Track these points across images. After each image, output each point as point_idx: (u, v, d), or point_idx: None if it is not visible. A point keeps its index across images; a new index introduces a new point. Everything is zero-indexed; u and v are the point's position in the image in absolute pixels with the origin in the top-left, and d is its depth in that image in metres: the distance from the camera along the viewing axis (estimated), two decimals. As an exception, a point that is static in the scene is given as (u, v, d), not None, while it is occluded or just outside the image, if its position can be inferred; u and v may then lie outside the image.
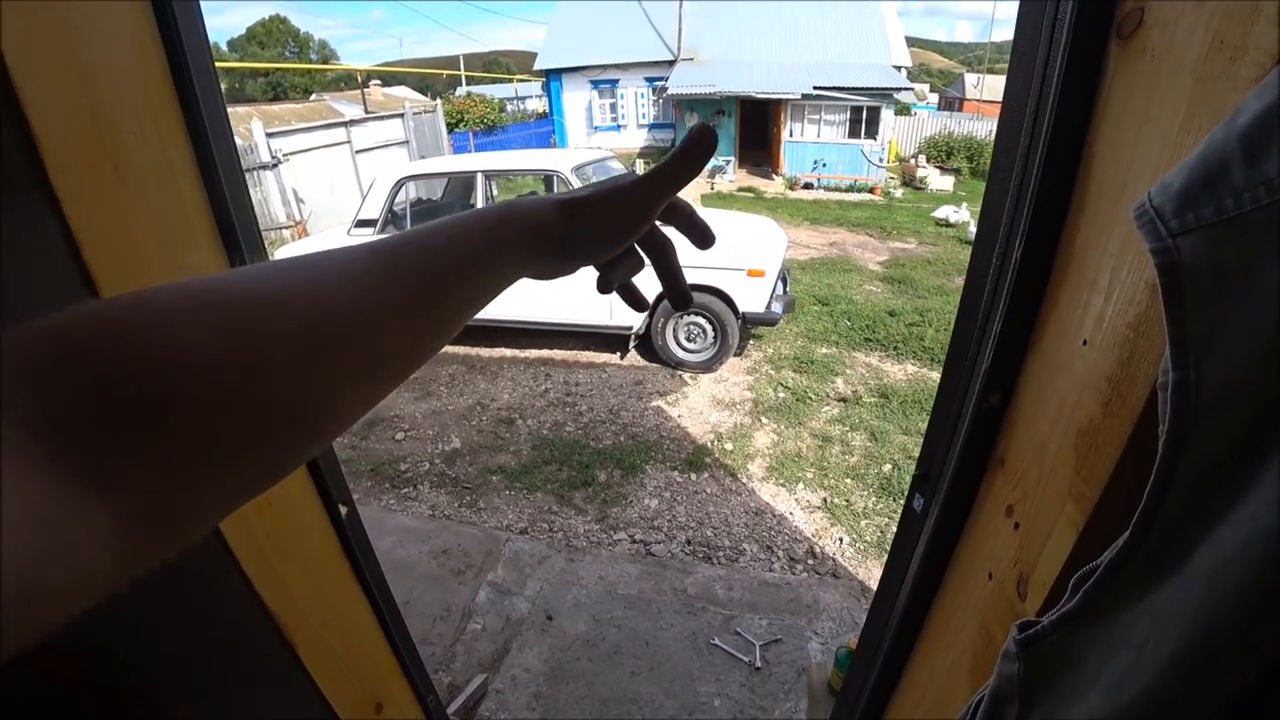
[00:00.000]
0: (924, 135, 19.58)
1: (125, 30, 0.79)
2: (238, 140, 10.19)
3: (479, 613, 2.79)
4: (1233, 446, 0.33)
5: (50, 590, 0.21)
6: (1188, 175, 0.33)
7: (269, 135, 9.85)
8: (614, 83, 20.64)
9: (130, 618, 1.10)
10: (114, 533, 0.23)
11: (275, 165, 9.73)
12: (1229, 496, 0.33)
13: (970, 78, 42.81)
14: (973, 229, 9.53)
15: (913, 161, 16.92)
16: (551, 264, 0.44)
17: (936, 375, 4.85)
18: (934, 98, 39.73)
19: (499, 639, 2.64)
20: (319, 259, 0.31)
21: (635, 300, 0.55)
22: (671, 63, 19.00)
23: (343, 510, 1.34)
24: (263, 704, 1.32)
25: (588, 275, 0.50)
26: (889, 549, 1.09)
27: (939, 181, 15.70)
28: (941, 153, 18.36)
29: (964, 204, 11.12)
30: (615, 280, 0.52)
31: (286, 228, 9.84)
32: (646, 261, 0.54)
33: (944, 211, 11.10)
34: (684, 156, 0.46)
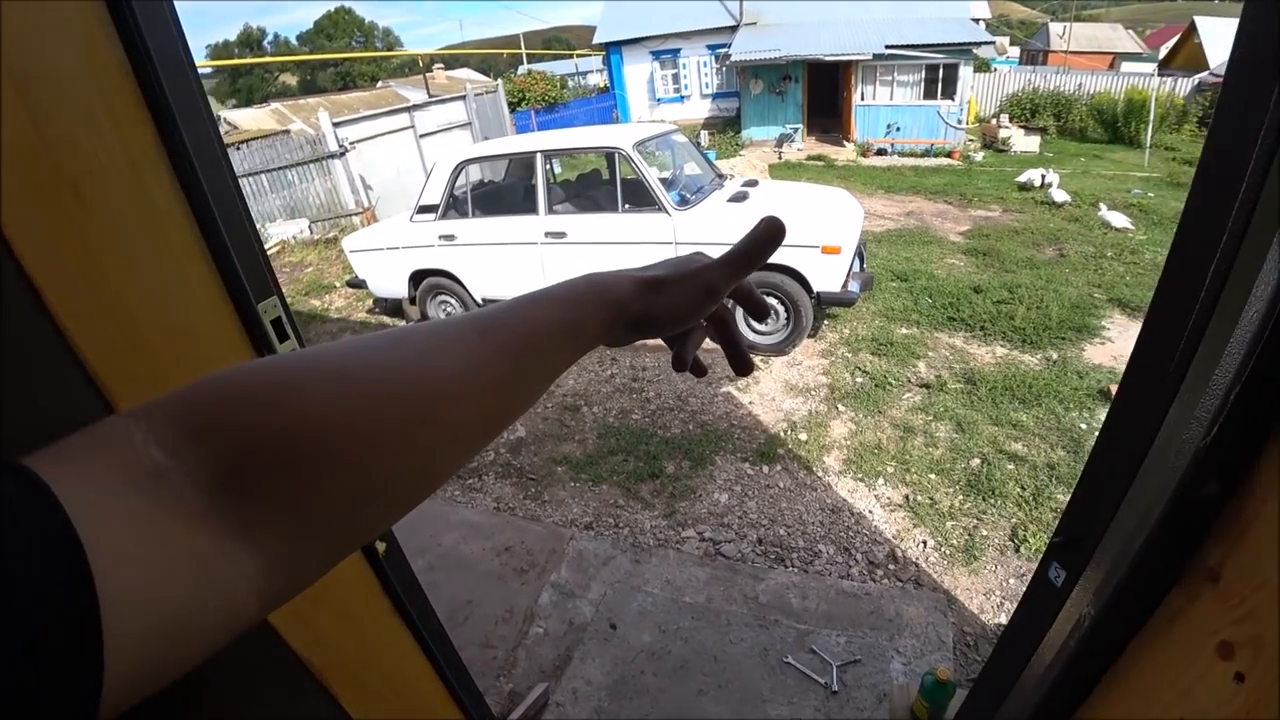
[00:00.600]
0: (1006, 93, 18.33)
1: (71, 29, 0.65)
2: (308, 130, 10.44)
3: (542, 615, 2.70)
4: None
5: (206, 629, 0.25)
6: None
7: (337, 124, 9.99)
8: (675, 53, 20.11)
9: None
10: (260, 577, 0.27)
11: (343, 154, 9.87)
12: None
13: (1055, 27, 40.07)
14: (1060, 195, 8.85)
15: (994, 122, 15.85)
16: (625, 336, 0.46)
17: (1028, 359, 4.48)
18: (1015, 51, 37.43)
19: (561, 645, 2.54)
20: (429, 333, 0.35)
21: (699, 370, 0.58)
22: (734, 28, 18.32)
23: (380, 548, 1.23)
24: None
25: (656, 258, 0.50)
26: (1012, 615, 0.89)
27: (1023, 142, 14.69)
28: (1025, 111, 17.21)
29: (1051, 167, 10.33)
30: (688, 356, 0.54)
31: (355, 215, 10.01)
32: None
33: (1030, 175, 10.33)
34: (754, 247, 0.48)
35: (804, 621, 2.48)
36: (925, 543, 2.95)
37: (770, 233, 0.48)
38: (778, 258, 4.38)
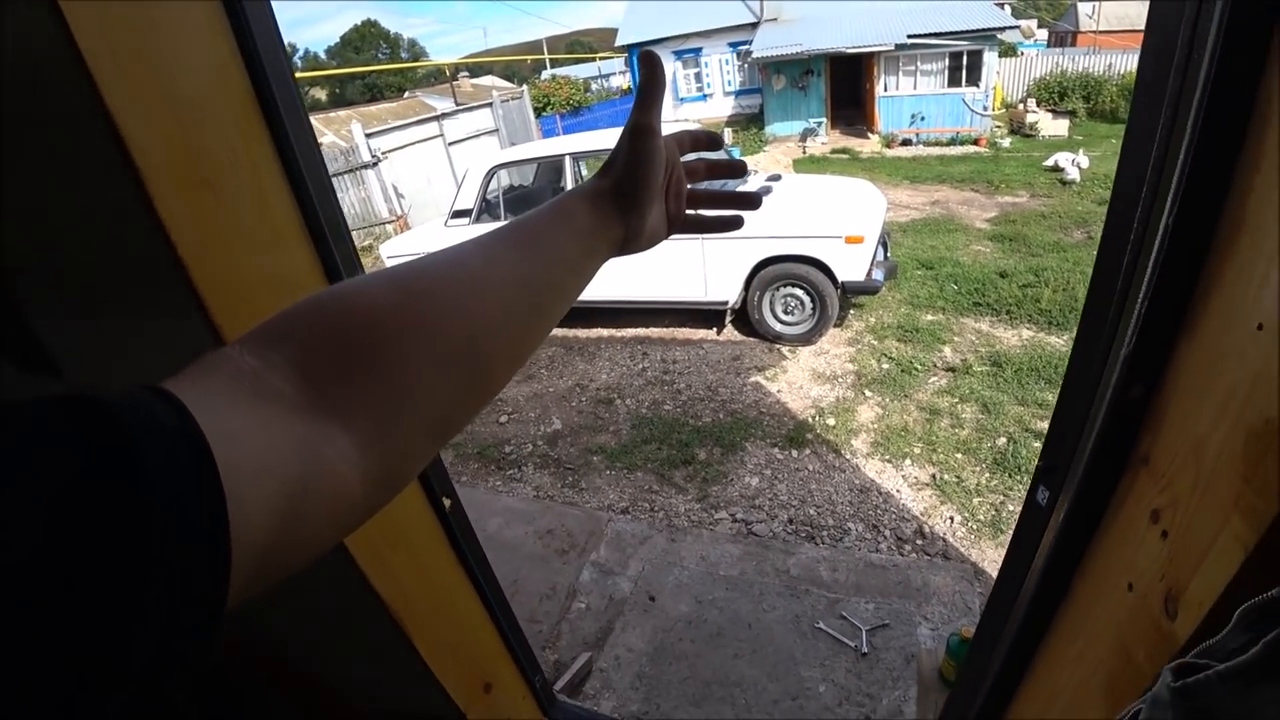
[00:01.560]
0: (1033, 77, 18.01)
1: (209, 56, 0.80)
2: (340, 142, 10.75)
3: (583, 592, 2.84)
4: None
5: (319, 511, 0.29)
6: None
7: (368, 135, 10.29)
8: (697, 51, 20.22)
9: (265, 611, 1.18)
10: (358, 456, 0.31)
11: (375, 164, 10.16)
12: None
13: (1084, 7, 39.14)
14: (1072, 172, 8.76)
15: (1021, 107, 15.66)
16: (621, 215, 0.51)
17: (1054, 340, 4.52)
18: (1043, 34, 36.68)
19: (603, 618, 2.68)
20: (464, 243, 0.42)
21: (748, 201, 0.65)
22: (755, 25, 18.37)
23: (446, 503, 1.37)
24: (382, 684, 1.39)
25: (681, 250, 0.54)
26: (1009, 541, 1.01)
27: (1051, 126, 14.48)
28: (1054, 94, 16.88)
29: (1080, 150, 10.21)
30: (703, 215, 0.62)
31: (389, 223, 10.30)
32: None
33: (1059, 159, 10.23)
34: (641, 78, 0.53)
35: (834, 591, 2.59)
36: (952, 519, 3.03)
37: (648, 59, 0.53)
38: (803, 248, 4.49)
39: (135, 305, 0.83)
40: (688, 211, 0.60)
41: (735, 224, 0.64)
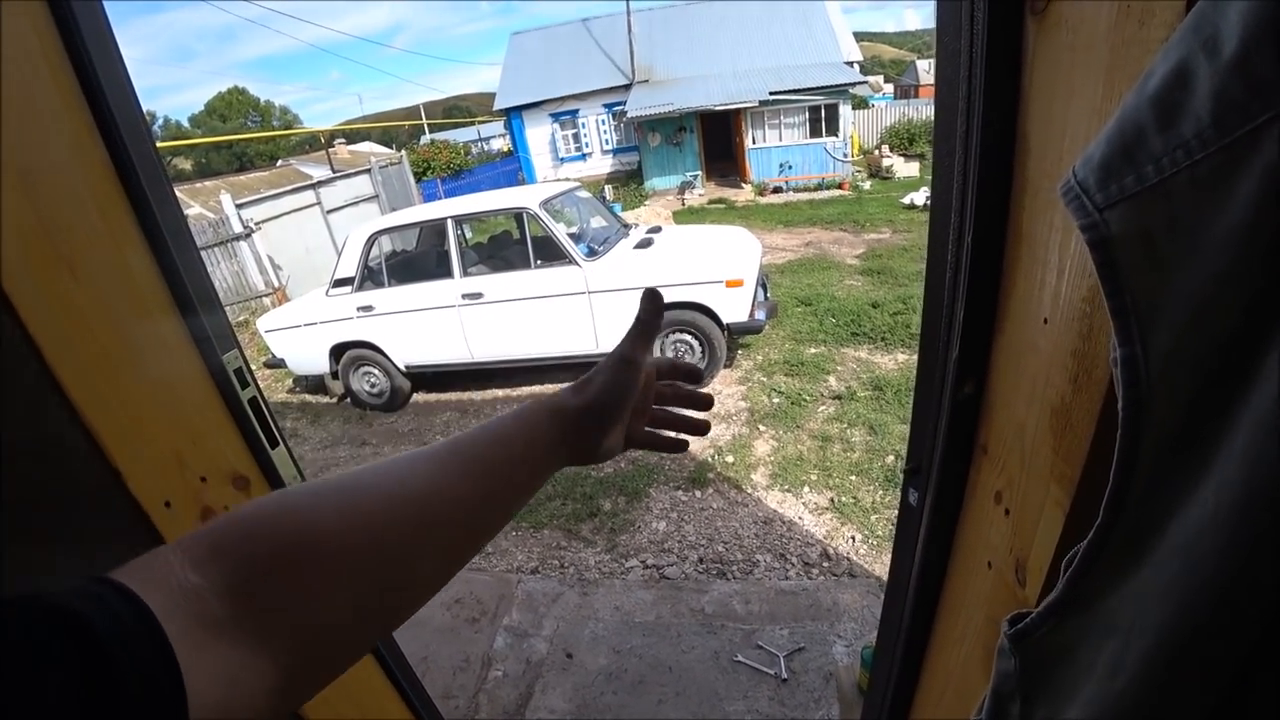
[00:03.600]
0: (885, 125, 19.88)
1: (62, 126, 0.78)
2: (208, 214, 10.23)
3: (499, 659, 2.75)
4: (1190, 418, 0.32)
5: None
6: (1107, 146, 0.33)
7: (239, 206, 9.87)
8: (574, 113, 20.82)
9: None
10: (278, 681, 0.30)
11: (248, 235, 9.74)
12: (1193, 469, 0.32)
13: (922, 64, 43.60)
14: (917, 199, 9.63)
15: (877, 152, 17.10)
16: (584, 434, 0.53)
17: (927, 361, 4.87)
18: (890, 88, 40.42)
19: (521, 683, 2.59)
20: (409, 458, 0.42)
21: (674, 444, 0.64)
22: (628, 86, 19.21)
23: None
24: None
25: (571, 308, 0.53)
26: (893, 544, 1.08)
27: (905, 168, 15.87)
28: (904, 140, 18.57)
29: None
30: (658, 437, 0.62)
31: (266, 295, 9.83)
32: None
33: (913, 197, 11.22)
34: (644, 314, 0.56)
35: (749, 623, 2.64)
36: (854, 538, 3.17)
37: (652, 298, 0.56)
38: (687, 295, 4.66)
39: None
40: (645, 428, 0.61)
41: (684, 447, 0.65)
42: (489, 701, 2.55)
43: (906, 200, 11.31)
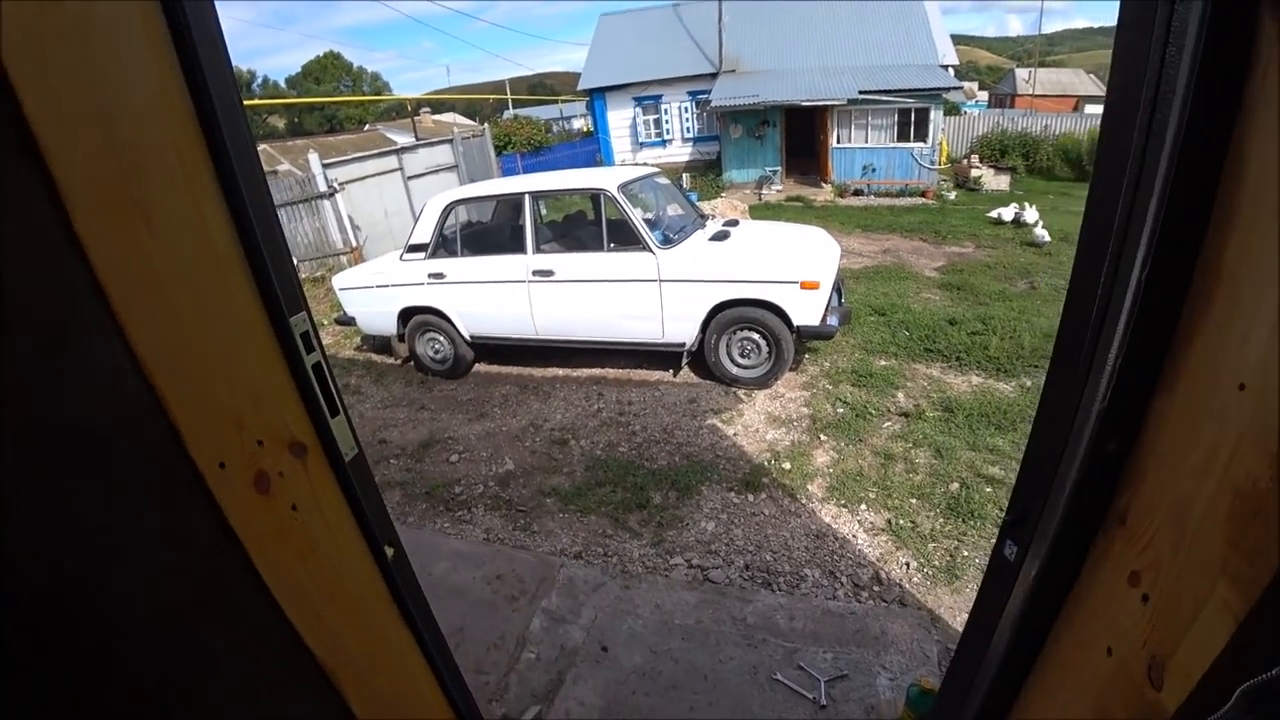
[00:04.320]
0: (976, 134, 19.13)
1: (147, 72, 0.75)
2: (296, 171, 10.57)
3: (533, 641, 2.73)
4: None
5: None
6: None
7: (325, 166, 10.15)
8: (657, 98, 20.69)
9: (179, 664, 1.08)
10: None
11: (332, 194, 10.01)
12: None
13: (1021, 73, 41.75)
14: (1039, 233, 9.14)
15: (965, 162, 16.45)
16: None
17: (1003, 387, 4.63)
18: (984, 95, 38.91)
19: (553, 669, 2.57)
20: None
21: None
22: (714, 75, 18.95)
23: (389, 552, 1.30)
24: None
25: (640, 294, 0.46)
26: (976, 595, 0.98)
27: (994, 181, 15.23)
28: (995, 151, 17.88)
29: (1026, 204, 10.69)
30: None
31: (343, 254, 10.11)
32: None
33: (1002, 212, 10.72)
34: None
35: (791, 640, 2.54)
36: (908, 564, 3.03)
37: None
38: (759, 293, 4.55)
39: (50, 334, 0.76)
40: None
41: None
42: (519, 683, 2.54)
43: (994, 214, 10.82)
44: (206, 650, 1.09)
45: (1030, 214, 10.03)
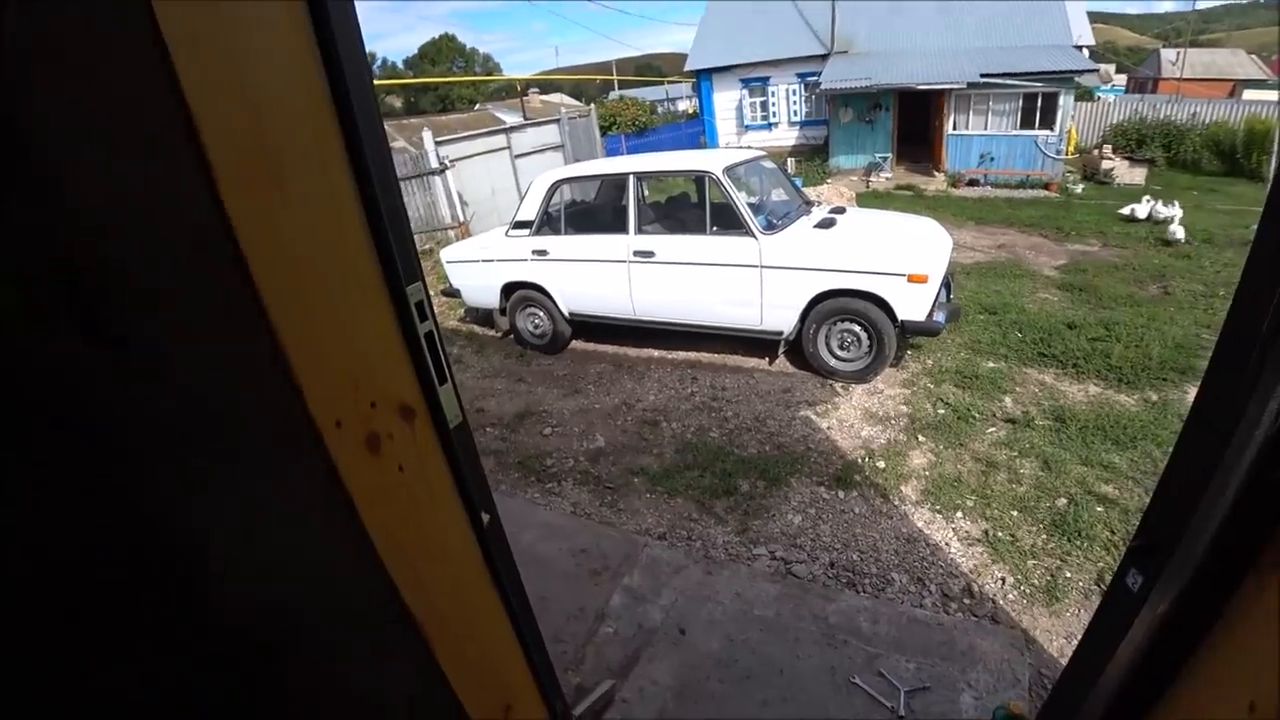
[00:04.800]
0: (1110, 122, 17.54)
1: (289, 55, 0.80)
2: (410, 148, 11.04)
3: (612, 616, 2.79)
4: None
5: None
6: None
7: (438, 143, 10.54)
8: (765, 80, 20.22)
9: (287, 613, 1.16)
10: None
11: (443, 171, 10.39)
12: None
13: (1168, 54, 38.08)
14: (1177, 232, 8.38)
15: (1096, 152, 15.19)
16: None
17: (1124, 399, 4.30)
18: (1122, 79, 35.82)
19: (630, 646, 2.61)
20: None
21: None
22: (824, 57, 18.30)
23: (484, 519, 1.35)
24: (400, 699, 1.36)
25: (741, 280, 0.45)
26: (1089, 625, 0.92)
27: (1128, 174, 14.03)
28: (1131, 141, 16.36)
29: (1159, 200, 9.79)
30: None
31: (451, 228, 10.50)
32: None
33: (1135, 208, 9.87)
34: None
35: (873, 645, 2.48)
36: (1004, 580, 2.89)
37: None
38: (863, 284, 4.41)
39: (195, 293, 0.83)
40: None
41: None
42: (596, 655, 2.59)
43: (1126, 210, 9.98)
44: (314, 598, 1.17)
45: (1169, 209, 9.16)
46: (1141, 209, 9.74)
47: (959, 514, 3.32)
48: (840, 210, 5.54)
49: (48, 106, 0.72)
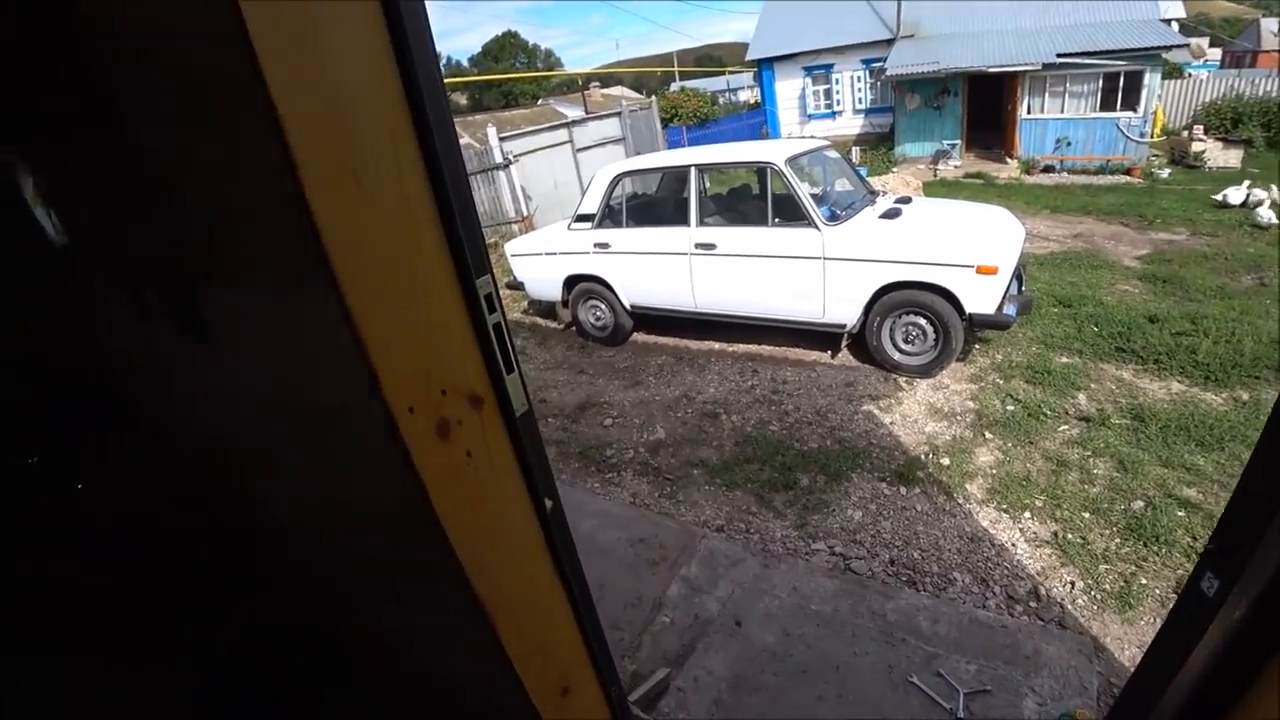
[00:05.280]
0: (1202, 100, 16.33)
1: (366, 55, 0.86)
2: (475, 144, 11.29)
3: (669, 606, 2.83)
4: None
5: None
6: None
7: (501, 139, 10.74)
8: (828, 68, 19.76)
9: (363, 592, 1.24)
10: None
11: (506, 166, 10.59)
12: None
13: (1268, 23, 35.21)
14: (1267, 216, 7.85)
15: (1185, 134, 14.27)
16: None
17: (1211, 398, 4.09)
18: (1216, 53, 33.43)
19: (686, 635, 2.65)
20: None
21: None
22: (890, 42, 17.76)
23: (548, 504, 1.40)
24: (465, 677, 1.43)
25: (804, 272, 0.46)
26: (1160, 628, 0.91)
27: (1221, 156, 13.12)
28: (1226, 121, 15.17)
29: (1257, 184, 9.16)
30: None
31: (515, 222, 10.70)
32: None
33: (1229, 193, 9.24)
34: None
35: (933, 644, 2.45)
36: (1073, 584, 2.80)
37: None
38: (930, 276, 4.32)
39: (282, 287, 0.89)
40: None
41: None
42: (652, 643, 2.64)
43: (1219, 197, 9.38)
44: (388, 578, 1.25)
45: (1264, 192, 8.54)
46: (1236, 194, 9.15)
47: (1027, 514, 3.23)
48: (906, 200, 5.42)
49: (147, 112, 0.80)
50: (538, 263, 6.26)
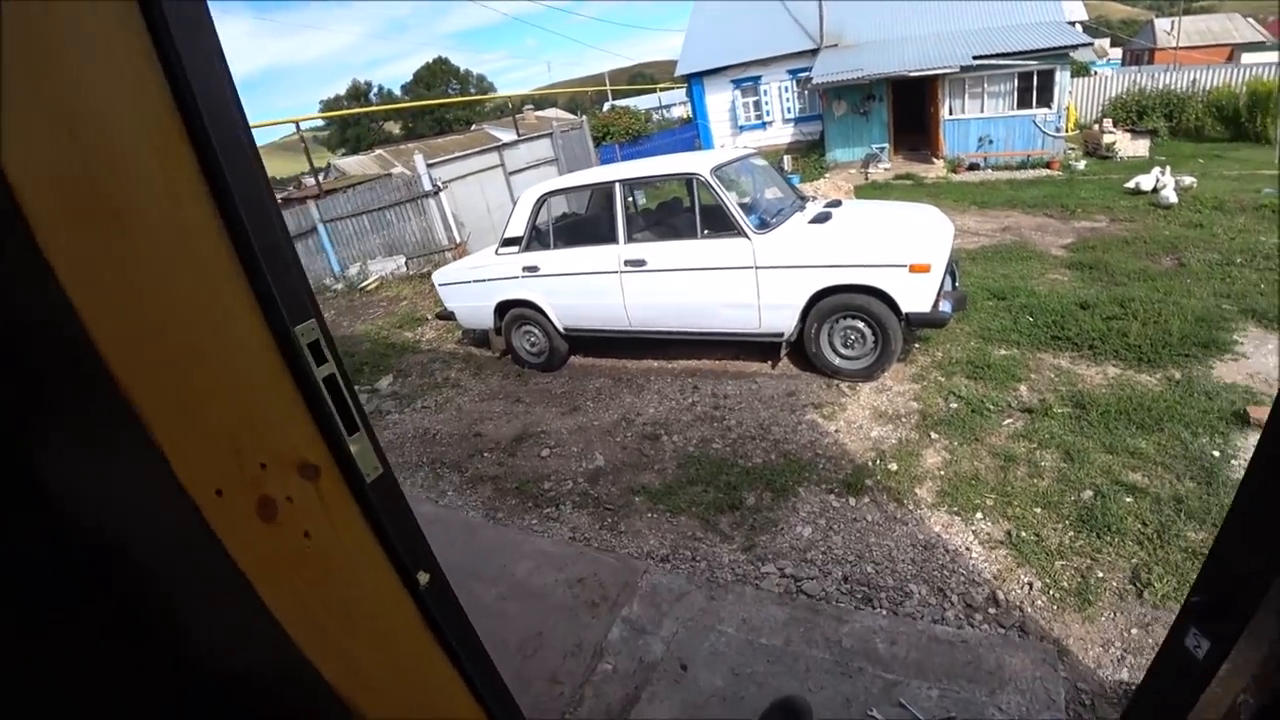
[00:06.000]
0: (1109, 96, 17.36)
1: (118, 67, 0.66)
2: (406, 172, 11.03)
3: (611, 652, 2.62)
4: None
5: None
6: None
7: (430, 165, 10.50)
8: (756, 79, 20.07)
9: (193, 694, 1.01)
10: None
11: (436, 193, 10.34)
12: None
13: (1162, 23, 37.62)
14: (1169, 197, 8.19)
15: (1096, 127, 14.93)
16: None
17: (1146, 379, 4.09)
18: (1117, 53, 35.46)
19: (630, 684, 2.44)
20: None
21: None
22: (815, 52, 18.13)
23: (422, 579, 1.19)
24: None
25: (736, 282, 0.32)
26: (1135, 692, 0.74)
27: (1130, 146, 13.77)
28: (1132, 113, 16.16)
29: (1164, 170, 9.54)
30: None
31: (448, 250, 10.44)
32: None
33: (1141, 180, 9.62)
34: None
35: (892, 670, 2.29)
36: (1031, 585, 2.69)
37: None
38: (863, 278, 4.23)
39: (14, 359, 0.68)
40: None
41: None
42: (594, 696, 2.43)
43: (1132, 184, 9.73)
44: (218, 681, 1.02)
45: (1169, 177, 8.96)
46: (1147, 180, 9.51)
47: (978, 515, 3.12)
48: (836, 203, 5.36)
49: None
50: (467, 290, 6.01)
